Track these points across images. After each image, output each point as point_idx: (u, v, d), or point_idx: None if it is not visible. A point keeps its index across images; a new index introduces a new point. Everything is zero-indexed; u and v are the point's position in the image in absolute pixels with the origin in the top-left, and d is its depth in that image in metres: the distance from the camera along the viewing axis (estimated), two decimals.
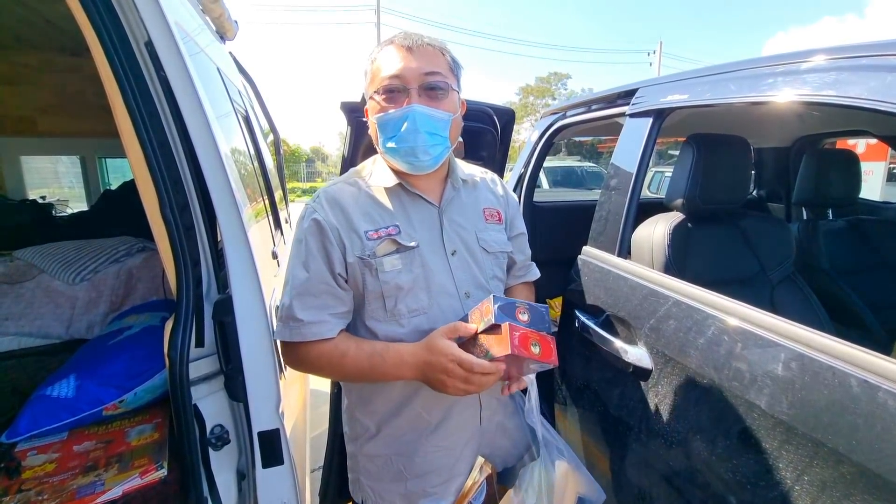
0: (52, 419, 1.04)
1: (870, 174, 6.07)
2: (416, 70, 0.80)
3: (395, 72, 0.80)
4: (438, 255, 0.87)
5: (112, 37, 0.77)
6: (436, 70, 0.82)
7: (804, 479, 0.68)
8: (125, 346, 1.22)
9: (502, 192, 1.04)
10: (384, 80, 0.81)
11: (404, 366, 0.79)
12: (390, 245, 0.84)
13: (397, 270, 0.83)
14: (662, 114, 1.22)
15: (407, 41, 0.82)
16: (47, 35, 1.98)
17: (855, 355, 0.65)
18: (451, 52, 0.87)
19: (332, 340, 0.83)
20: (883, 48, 0.76)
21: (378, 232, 0.84)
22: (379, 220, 0.86)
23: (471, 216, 0.94)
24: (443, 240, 0.89)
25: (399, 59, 0.81)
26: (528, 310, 0.79)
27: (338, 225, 0.83)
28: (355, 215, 0.85)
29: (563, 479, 0.93)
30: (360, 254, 0.83)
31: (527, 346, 0.74)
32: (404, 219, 0.87)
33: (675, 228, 1.23)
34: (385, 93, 0.82)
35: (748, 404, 0.78)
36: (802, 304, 1.34)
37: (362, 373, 0.83)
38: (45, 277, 1.64)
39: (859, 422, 0.62)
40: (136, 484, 0.90)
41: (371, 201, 0.88)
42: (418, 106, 0.80)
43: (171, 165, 0.83)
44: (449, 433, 0.91)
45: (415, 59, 0.81)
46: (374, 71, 0.84)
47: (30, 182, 3.00)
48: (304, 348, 0.84)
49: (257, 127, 1.94)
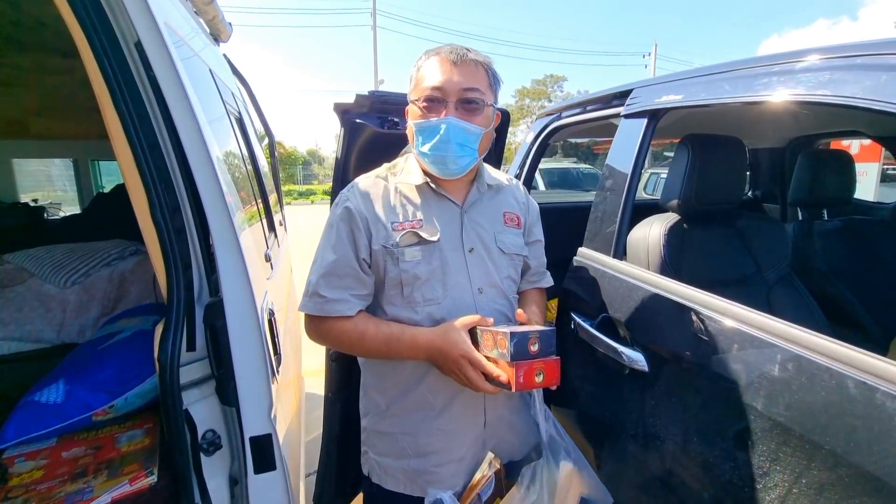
0: (41, 425, 1.02)
1: (864, 175, 6.11)
2: (457, 84, 0.87)
3: (437, 84, 0.87)
4: (457, 251, 0.94)
5: (101, 37, 0.76)
6: (475, 86, 0.88)
7: (802, 482, 0.68)
8: (116, 351, 1.20)
9: (524, 200, 1.11)
10: (426, 89, 0.88)
11: (419, 349, 0.87)
12: (412, 237, 0.91)
13: (416, 261, 0.90)
14: (657, 114, 1.22)
15: (452, 55, 0.88)
16: (39, 36, 1.96)
17: (852, 356, 0.64)
18: (493, 67, 0.93)
19: (352, 320, 0.91)
20: (878, 47, 0.76)
21: (402, 224, 0.92)
22: (404, 214, 0.93)
23: (491, 218, 1.01)
24: (462, 237, 0.95)
25: (442, 72, 0.88)
26: (538, 339, 0.81)
27: (367, 214, 0.92)
28: (384, 207, 0.93)
29: (566, 479, 0.94)
30: (385, 242, 0.90)
31: (531, 379, 0.79)
32: (428, 215, 0.94)
33: (670, 229, 1.23)
34: (425, 101, 0.89)
35: (745, 406, 0.77)
36: (799, 305, 1.34)
37: (379, 352, 0.91)
38: (35, 281, 1.62)
39: (857, 423, 0.61)
40: (126, 491, 0.89)
41: (399, 196, 0.95)
42: (453, 119, 0.87)
43: (161, 168, 0.82)
44: (452, 418, 0.96)
45: (457, 73, 0.87)
46: (419, 78, 0.91)
47: (22, 185, 2.98)
48: (326, 324, 0.92)
49: (251, 129, 1.93)
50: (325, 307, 0.90)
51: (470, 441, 0.99)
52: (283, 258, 1.78)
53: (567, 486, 0.94)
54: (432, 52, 0.92)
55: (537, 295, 1.12)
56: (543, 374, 0.79)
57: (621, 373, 1.08)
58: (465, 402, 0.97)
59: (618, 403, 1.09)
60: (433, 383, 0.94)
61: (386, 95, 1.26)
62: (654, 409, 0.97)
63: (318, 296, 0.90)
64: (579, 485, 0.96)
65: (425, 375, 0.94)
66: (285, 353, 1.15)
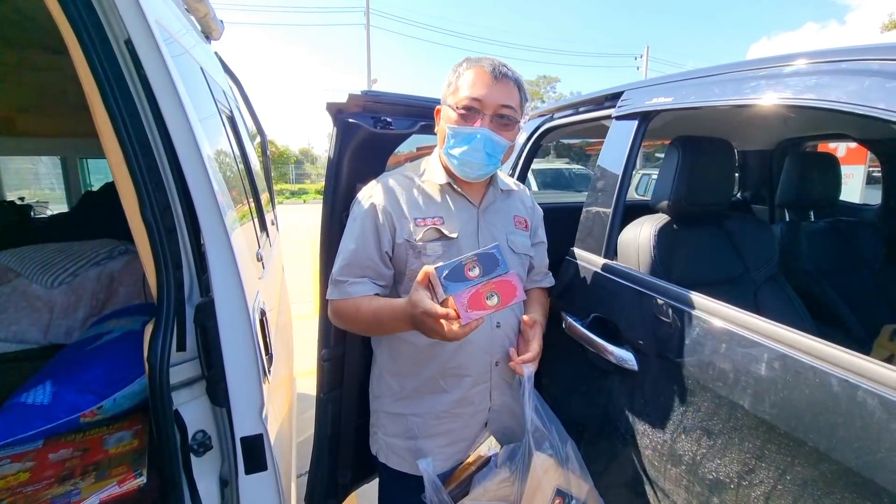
0: (27, 427, 1.01)
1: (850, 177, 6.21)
2: (496, 99, 0.93)
3: (478, 95, 0.93)
4: (473, 248, 0.97)
5: (91, 34, 0.76)
6: (510, 104, 0.95)
7: (786, 478, 0.69)
8: (104, 352, 1.19)
9: (531, 205, 1.20)
10: (466, 98, 0.94)
11: (399, 320, 0.89)
12: (435, 233, 0.98)
13: (438, 255, 0.96)
14: (648, 116, 1.23)
15: (494, 70, 0.94)
16: (26, 32, 1.92)
17: (835, 355, 0.66)
18: (524, 86, 1.00)
19: (355, 299, 0.96)
20: (861, 53, 0.77)
21: (425, 220, 0.98)
22: (427, 211, 1.00)
23: (504, 220, 1.09)
24: (478, 236, 1.02)
25: (484, 85, 0.94)
26: (476, 262, 0.80)
27: (391, 210, 0.98)
28: (408, 203, 0.99)
29: (541, 469, 0.96)
30: (409, 237, 0.97)
31: (481, 303, 0.76)
32: (448, 213, 1.01)
33: (660, 230, 1.24)
34: (464, 109, 0.95)
35: (732, 404, 0.78)
36: (785, 305, 1.36)
37: (370, 326, 0.98)
38: (21, 281, 1.60)
39: (839, 420, 0.63)
40: (114, 492, 0.88)
41: (422, 193, 1.02)
42: (487, 130, 0.94)
43: (152, 166, 0.81)
44: (461, 402, 1.03)
45: (497, 89, 0.94)
46: (459, 85, 0.96)
47: (8, 183, 2.93)
48: (337, 306, 1.00)
49: (243, 128, 1.92)
50: (347, 289, 0.97)
51: (475, 423, 1.07)
52: (274, 258, 1.77)
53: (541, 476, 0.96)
54: (474, 61, 0.97)
55: (540, 294, 1.21)
56: (497, 295, 0.76)
57: (611, 371, 1.09)
58: (474, 385, 1.04)
59: (607, 402, 1.10)
60: (445, 369, 1.01)
61: (379, 95, 1.26)
62: (643, 407, 0.98)
63: (339, 282, 0.98)
64: (557, 476, 0.98)
65: (436, 359, 1.01)
66: (277, 353, 1.15)
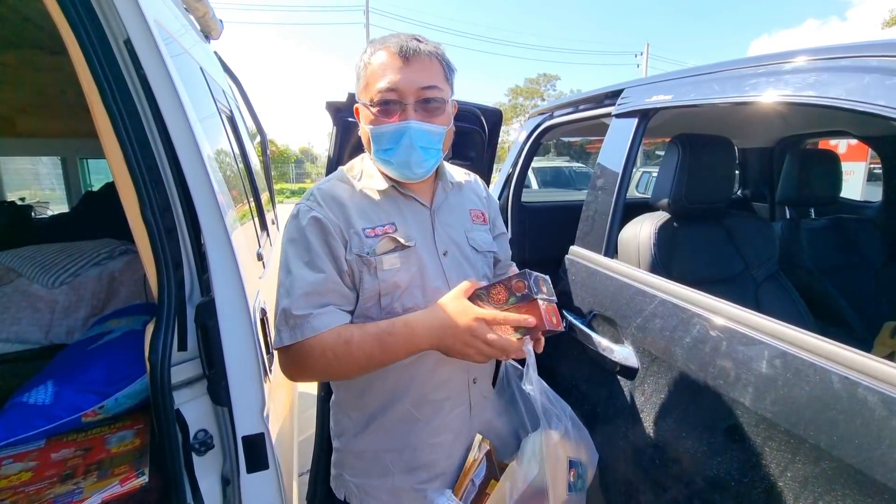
0: (29, 427, 1.01)
1: (851, 174, 6.20)
2: (413, 83, 0.78)
3: (391, 84, 0.78)
4: (431, 255, 0.88)
5: (90, 34, 0.76)
6: (432, 84, 0.80)
7: (787, 475, 0.69)
8: (105, 351, 1.19)
9: (485, 194, 1.06)
10: (379, 92, 0.79)
11: (417, 336, 0.76)
12: (389, 243, 0.84)
13: (395, 269, 0.83)
14: (647, 114, 1.23)
15: (403, 50, 0.78)
16: (25, 33, 1.93)
17: (836, 352, 0.66)
18: (445, 56, 0.84)
19: (334, 330, 0.78)
20: (861, 50, 0.77)
21: (375, 230, 0.84)
22: (375, 219, 0.85)
23: (459, 217, 0.96)
24: (435, 241, 0.89)
25: (395, 71, 0.78)
26: (545, 282, 0.79)
27: (338, 221, 0.83)
28: (352, 212, 0.84)
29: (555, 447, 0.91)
30: (359, 251, 0.82)
31: (552, 319, 0.76)
32: (400, 218, 0.87)
33: (660, 228, 1.24)
34: (380, 105, 0.80)
35: (733, 402, 0.78)
36: (786, 302, 1.36)
37: (371, 357, 0.77)
38: (23, 281, 1.60)
39: (840, 417, 0.63)
40: (116, 492, 0.88)
41: (367, 200, 0.87)
42: (414, 123, 0.79)
43: (151, 166, 0.82)
44: (439, 430, 0.91)
45: (411, 70, 0.78)
46: (368, 77, 0.81)
47: (8, 184, 2.93)
48: (305, 348, 0.78)
49: (243, 127, 1.92)
50: (312, 323, 0.77)
51: (458, 450, 0.94)
52: (275, 257, 1.77)
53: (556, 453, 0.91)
54: (378, 43, 0.82)
55: None
56: (555, 316, 0.77)
57: (612, 370, 1.09)
58: (452, 409, 0.92)
59: (608, 400, 1.10)
60: (417, 395, 0.88)
61: None
62: (644, 405, 0.99)
63: (298, 318, 0.77)
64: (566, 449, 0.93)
65: (409, 386, 0.88)
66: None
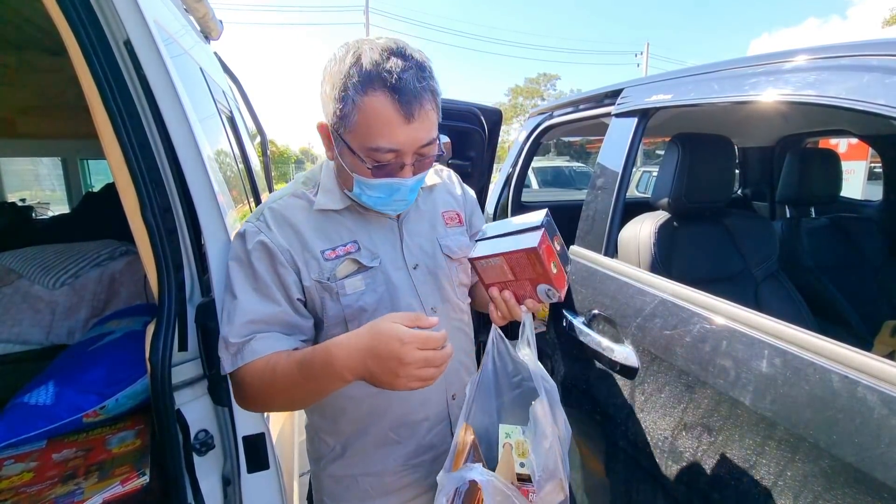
0: (30, 427, 1.01)
1: (851, 173, 6.20)
2: (416, 142, 0.69)
3: (394, 146, 0.68)
4: (400, 270, 0.81)
5: (90, 36, 0.76)
6: (432, 137, 0.71)
7: (787, 474, 0.69)
8: (106, 352, 1.19)
9: (460, 192, 0.97)
10: (378, 151, 0.68)
11: (336, 362, 0.63)
12: (351, 265, 0.77)
13: (360, 292, 0.77)
14: (647, 113, 1.23)
15: (406, 103, 0.65)
16: (26, 34, 1.93)
17: (836, 351, 0.66)
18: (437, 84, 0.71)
19: (266, 356, 0.70)
20: (861, 48, 0.77)
21: (336, 251, 0.76)
22: (336, 238, 0.78)
23: (430, 223, 0.88)
24: (403, 254, 0.82)
25: (398, 130, 0.67)
26: (562, 243, 0.75)
27: (289, 246, 0.74)
28: (308, 233, 0.76)
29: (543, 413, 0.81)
30: (318, 277, 0.75)
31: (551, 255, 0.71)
32: (364, 234, 0.80)
33: (660, 227, 1.24)
34: (376, 165, 0.70)
35: (733, 401, 0.78)
36: (786, 301, 1.36)
37: (295, 385, 0.68)
38: (23, 282, 1.60)
39: (839, 416, 0.63)
40: (118, 492, 0.88)
41: (324, 217, 0.78)
42: (411, 180, 0.73)
43: (152, 167, 0.82)
44: (419, 451, 0.87)
45: (413, 129, 0.67)
46: (359, 123, 0.67)
47: (9, 185, 2.94)
48: (240, 374, 0.71)
49: (243, 128, 1.92)
50: (253, 347, 0.70)
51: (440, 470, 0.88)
52: None
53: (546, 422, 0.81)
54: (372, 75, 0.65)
55: None
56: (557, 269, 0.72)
57: (612, 369, 1.09)
58: (431, 429, 0.87)
59: (608, 399, 1.10)
60: (395, 418, 0.84)
61: None
62: (644, 404, 0.99)
63: (238, 345, 0.71)
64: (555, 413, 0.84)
65: (387, 408, 0.83)
66: None
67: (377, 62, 0.65)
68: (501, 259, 0.73)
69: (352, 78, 0.65)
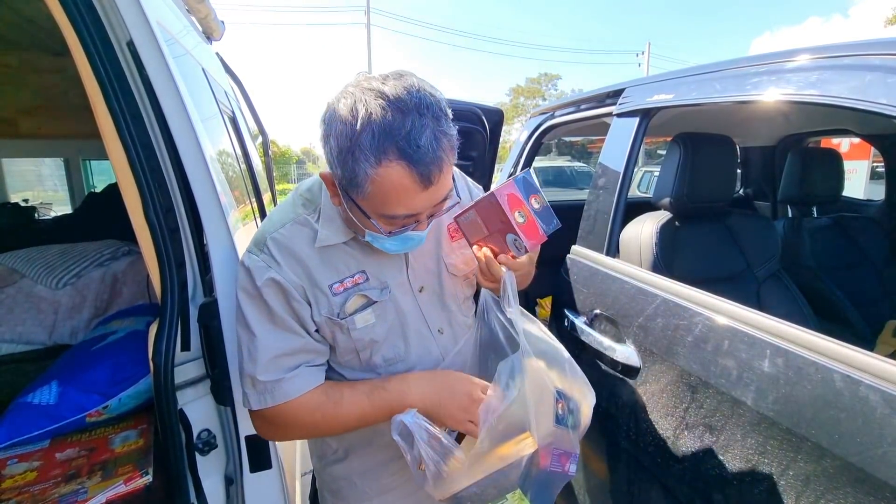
0: (33, 427, 1.01)
1: (853, 173, 6.18)
2: (433, 203, 0.66)
3: (410, 211, 0.65)
4: (407, 294, 0.80)
5: (93, 36, 0.76)
6: (448, 191, 0.67)
7: (789, 474, 0.69)
8: (109, 352, 1.20)
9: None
10: (393, 218, 0.65)
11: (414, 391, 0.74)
12: (360, 299, 0.75)
13: (371, 325, 0.76)
14: (649, 113, 1.23)
15: (425, 175, 0.60)
16: (28, 34, 1.94)
17: (838, 351, 0.66)
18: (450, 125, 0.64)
19: (321, 388, 0.74)
20: (863, 48, 0.77)
21: (343, 283, 0.74)
22: (343, 269, 0.75)
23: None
24: (408, 278, 0.80)
25: (415, 197, 0.63)
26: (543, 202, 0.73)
27: (300, 282, 0.72)
28: (315, 267, 0.73)
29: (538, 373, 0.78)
30: (329, 313, 0.73)
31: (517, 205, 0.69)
32: (370, 262, 0.77)
33: (662, 227, 1.24)
34: (392, 227, 0.67)
35: (735, 401, 0.78)
36: (788, 301, 1.36)
37: (363, 414, 0.74)
38: (26, 282, 1.61)
39: (842, 416, 0.63)
40: (121, 491, 0.89)
41: (330, 246, 0.75)
42: (425, 233, 0.71)
43: (154, 167, 0.82)
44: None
45: (432, 192, 0.63)
46: (374, 194, 0.62)
47: (11, 185, 2.94)
48: (284, 412, 0.72)
49: (245, 128, 1.92)
50: (285, 388, 0.71)
51: None
52: None
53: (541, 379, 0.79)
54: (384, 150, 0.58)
55: None
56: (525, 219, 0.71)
57: (614, 369, 1.09)
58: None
59: (610, 399, 1.10)
60: None
61: None
62: (646, 404, 0.99)
63: (269, 384, 0.71)
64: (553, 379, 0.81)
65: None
66: None
67: (390, 125, 0.58)
68: (474, 212, 0.74)
69: (363, 145, 0.58)
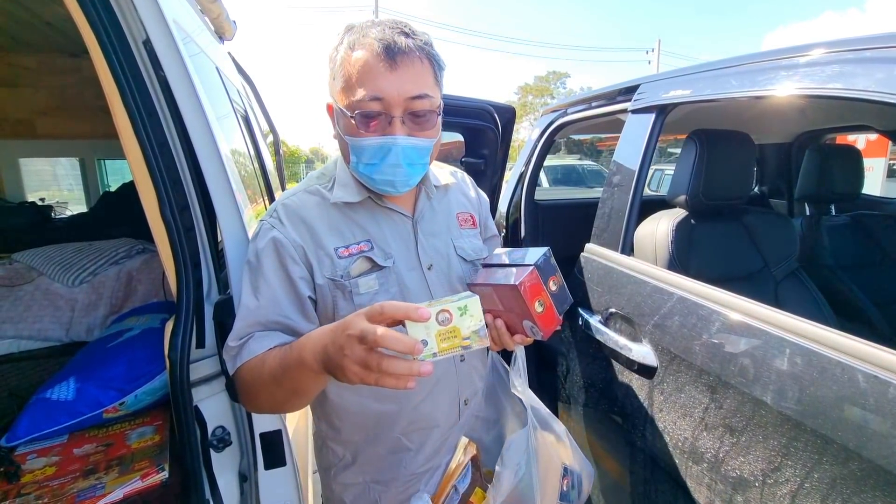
0: (52, 422, 1.03)
1: (870, 170, 6.06)
2: (401, 92, 0.68)
3: (376, 93, 0.67)
4: (415, 270, 0.80)
5: (110, 35, 0.77)
6: (422, 92, 0.69)
7: (813, 476, 0.68)
8: (125, 349, 1.21)
9: (474, 195, 0.98)
10: (361, 101, 0.68)
11: (305, 351, 0.60)
12: (365, 264, 0.76)
13: (374, 292, 0.75)
14: (665, 110, 1.21)
15: (389, 51, 0.66)
16: (46, 37, 1.97)
17: (863, 350, 0.64)
18: (435, 51, 0.72)
19: (259, 355, 0.69)
20: (887, 40, 0.75)
21: (349, 249, 0.76)
22: (349, 236, 0.77)
23: (445, 223, 0.87)
24: (418, 254, 0.81)
25: (379, 76, 0.66)
26: (559, 282, 0.72)
27: (302, 242, 0.74)
28: (322, 230, 0.75)
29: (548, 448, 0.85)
30: (332, 275, 0.74)
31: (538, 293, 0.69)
32: (377, 232, 0.79)
33: (678, 225, 1.23)
34: (361, 117, 0.69)
35: (755, 401, 0.77)
36: (806, 300, 1.33)
37: (275, 378, 0.65)
38: (44, 280, 1.63)
39: (868, 417, 0.61)
40: (137, 487, 0.89)
41: (339, 213, 0.78)
42: (402, 139, 0.70)
43: (170, 166, 0.83)
44: (430, 457, 0.86)
45: (398, 76, 0.67)
46: (346, 78, 0.69)
47: (28, 184, 2.99)
48: (239, 375, 0.70)
49: (257, 127, 1.93)
50: (250, 346, 0.69)
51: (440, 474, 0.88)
52: None
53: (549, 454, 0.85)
54: (358, 34, 0.69)
55: None
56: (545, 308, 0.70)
57: (630, 369, 1.08)
58: (445, 434, 0.86)
59: (626, 399, 1.09)
60: (407, 424, 0.82)
61: None
62: (663, 404, 0.97)
63: (236, 347, 0.70)
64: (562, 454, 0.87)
65: (397, 415, 0.81)
66: None
67: (368, 28, 0.70)
68: (491, 290, 0.73)
69: (342, 43, 0.72)
